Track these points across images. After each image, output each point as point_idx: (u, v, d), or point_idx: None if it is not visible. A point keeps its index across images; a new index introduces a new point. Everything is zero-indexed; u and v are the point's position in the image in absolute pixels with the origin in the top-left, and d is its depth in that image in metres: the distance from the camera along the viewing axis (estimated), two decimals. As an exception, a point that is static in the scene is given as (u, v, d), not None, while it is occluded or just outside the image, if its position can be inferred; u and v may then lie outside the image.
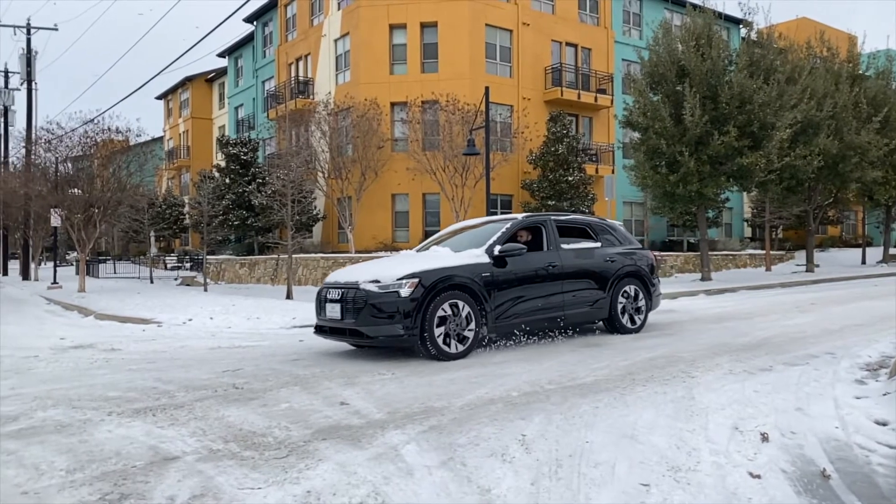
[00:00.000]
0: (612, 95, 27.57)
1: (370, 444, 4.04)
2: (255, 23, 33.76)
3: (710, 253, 22.48)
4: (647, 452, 3.84)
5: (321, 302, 7.65)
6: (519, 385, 5.62)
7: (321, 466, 3.66)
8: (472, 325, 7.19)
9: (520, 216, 8.64)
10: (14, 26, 30.83)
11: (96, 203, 20.06)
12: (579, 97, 26.46)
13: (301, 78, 28.45)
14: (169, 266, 33.11)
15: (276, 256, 22.75)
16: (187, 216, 35.40)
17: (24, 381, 6.42)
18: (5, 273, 34.86)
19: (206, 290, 19.97)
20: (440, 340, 6.94)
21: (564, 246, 8.44)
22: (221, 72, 39.45)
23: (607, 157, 27.71)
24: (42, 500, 3.26)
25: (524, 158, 25.00)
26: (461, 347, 7.09)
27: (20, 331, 11.11)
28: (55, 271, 24.35)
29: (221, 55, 37.73)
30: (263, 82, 33.03)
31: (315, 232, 26.74)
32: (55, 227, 23.07)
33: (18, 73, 31.50)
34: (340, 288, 7.40)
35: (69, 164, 21.45)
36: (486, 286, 7.39)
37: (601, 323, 8.98)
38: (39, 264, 32.29)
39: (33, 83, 30.51)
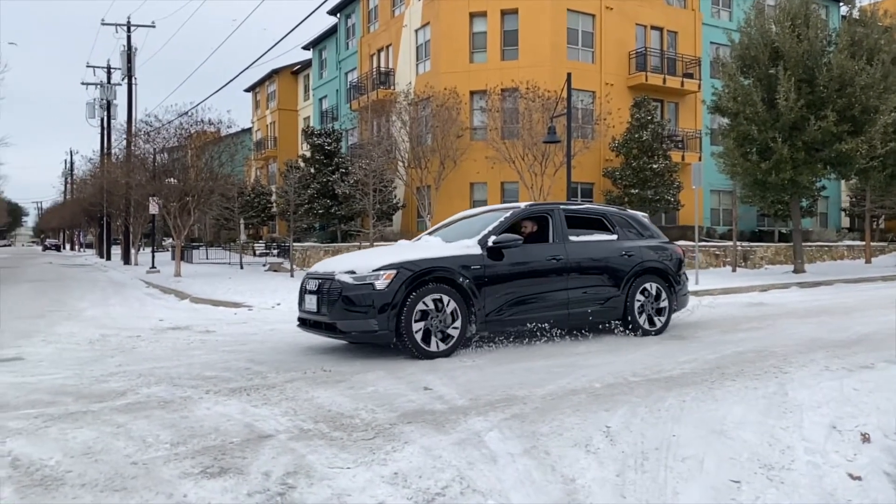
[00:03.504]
0: (700, 80, 26.59)
1: (454, 430, 4.11)
2: (338, 15, 34.42)
3: (803, 244, 21.44)
4: (738, 448, 3.74)
5: (301, 293, 7.33)
6: (602, 376, 5.57)
7: (407, 449, 3.75)
8: (458, 323, 6.65)
9: (523, 204, 8.00)
10: (115, 24, 32.58)
11: (190, 192, 21.02)
12: (664, 82, 25.64)
13: (382, 69, 28.83)
14: (257, 252, 34.33)
15: (358, 244, 23.26)
16: (274, 205, 36.63)
17: (129, 359, 6.85)
18: (108, 258, 37.13)
19: (292, 275, 20.62)
20: (419, 338, 6.46)
21: (573, 238, 7.74)
22: (306, 64, 40.48)
23: (694, 144, 26.80)
24: (150, 471, 3.49)
25: (606, 146, 24.49)
26: (444, 346, 6.58)
27: (124, 312, 11.85)
28: (153, 256, 25.68)
29: (306, 48, 38.67)
30: (346, 74, 33.67)
31: (395, 220, 27.15)
32: (153, 215, 24.31)
33: (120, 68, 33.33)
34: (318, 279, 7.03)
35: (165, 155, 22.59)
36: (477, 280, 6.83)
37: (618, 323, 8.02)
38: (138, 250, 34.21)
39: (133, 78, 32.17)
